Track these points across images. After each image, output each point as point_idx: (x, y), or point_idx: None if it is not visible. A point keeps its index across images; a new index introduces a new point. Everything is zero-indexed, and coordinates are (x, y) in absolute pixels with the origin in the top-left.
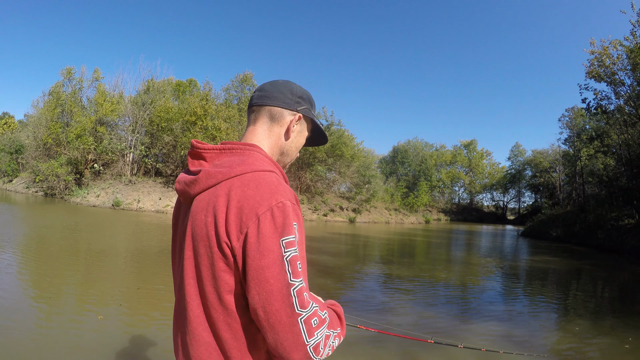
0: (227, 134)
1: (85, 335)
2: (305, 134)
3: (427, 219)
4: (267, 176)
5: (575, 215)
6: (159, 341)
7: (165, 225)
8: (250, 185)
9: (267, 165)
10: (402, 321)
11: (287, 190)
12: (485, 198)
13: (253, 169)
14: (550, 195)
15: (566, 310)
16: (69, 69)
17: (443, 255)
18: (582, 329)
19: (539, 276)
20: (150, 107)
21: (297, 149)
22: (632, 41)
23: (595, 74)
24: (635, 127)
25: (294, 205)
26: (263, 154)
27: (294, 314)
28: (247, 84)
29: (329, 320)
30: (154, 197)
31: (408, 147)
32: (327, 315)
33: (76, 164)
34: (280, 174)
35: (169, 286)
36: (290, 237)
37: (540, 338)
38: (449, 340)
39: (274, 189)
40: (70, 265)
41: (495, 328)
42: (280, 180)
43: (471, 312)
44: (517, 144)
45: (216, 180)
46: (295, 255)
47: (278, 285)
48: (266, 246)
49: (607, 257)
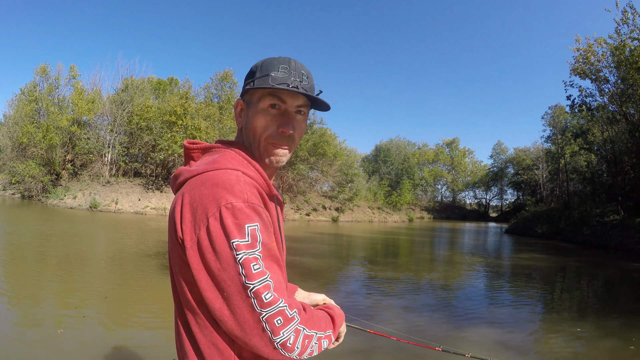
0: (207, 133)
1: (36, 355)
2: (254, 107)
3: (411, 218)
4: (225, 175)
5: (559, 212)
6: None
7: (146, 227)
8: (206, 184)
9: (235, 164)
10: (393, 328)
11: (244, 190)
12: (467, 196)
13: (216, 167)
14: (532, 192)
15: (564, 310)
16: (44, 66)
17: (429, 255)
18: (584, 330)
19: (530, 275)
20: (129, 106)
21: (254, 130)
22: (617, 39)
23: (581, 71)
24: (620, 124)
25: (250, 205)
26: (239, 152)
27: (254, 312)
28: (227, 81)
29: (298, 319)
30: (133, 199)
31: (390, 145)
32: (296, 313)
33: (51, 165)
34: (252, 172)
35: (142, 297)
36: (241, 239)
37: (543, 343)
38: (456, 349)
39: (229, 188)
40: (37, 273)
41: (493, 333)
42: (241, 179)
43: (466, 316)
44: (499, 142)
45: (184, 178)
46: (249, 257)
47: (235, 286)
48: (218, 249)
49: (594, 254)
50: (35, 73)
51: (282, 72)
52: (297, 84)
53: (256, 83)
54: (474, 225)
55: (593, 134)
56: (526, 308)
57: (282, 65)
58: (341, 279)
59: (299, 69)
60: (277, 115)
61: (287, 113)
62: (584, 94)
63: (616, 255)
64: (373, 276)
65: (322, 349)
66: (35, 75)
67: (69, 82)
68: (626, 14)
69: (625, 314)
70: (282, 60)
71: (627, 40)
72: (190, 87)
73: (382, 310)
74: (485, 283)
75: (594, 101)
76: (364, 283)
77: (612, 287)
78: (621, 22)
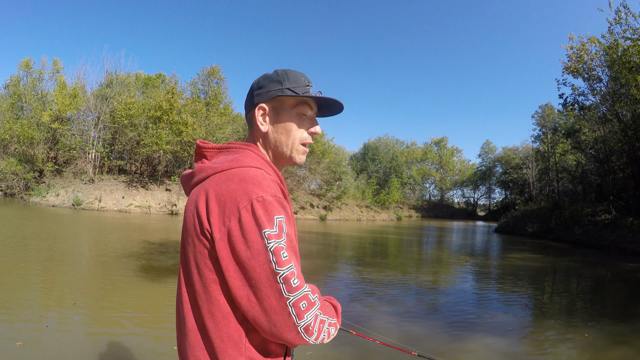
0: (194, 129)
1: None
2: (288, 113)
3: (399, 216)
4: (251, 172)
5: (550, 211)
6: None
7: (131, 224)
8: (234, 179)
9: (256, 163)
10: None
11: (271, 186)
12: (456, 195)
13: (240, 164)
14: (520, 191)
15: (568, 316)
16: (27, 60)
17: (420, 255)
18: (592, 338)
19: (526, 276)
20: (113, 102)
21: (288, 133)
22: (609, 39)
23: (574, 69)
24: (611, 124)
25: (278, 199)
26: (257, 152)
27: (282, 297)
28: (214, 77)
29: (319, 304)
30: (117, 196)
31: (379, 144)
32: (317, 299)
33: (33, 162)
34: (271, 171)
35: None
36: (271, 230)
37: (552, 355)
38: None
39: (257, 183)
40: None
41: (494, 342)
42: (266, 176)
43: (464, 323)
44: (487, 141)
45: (206, 174)
46: (278, 246)
47: (265, 273)
48: (249, 238)
49: (588, 253)
50: (18, 67)
51: (306, 84)
52: (319, 93)
53: (299, 91)
54: (462, 224)
55: (584, 133)
56: (528, 312)
57: (304, 78)
58: (329, 281)
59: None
60: (307, 120)
61: (314, 118)
62: (577, 93)
63: (610, 255)
64: (362, 278)
65: (330, 337)
66: (19, 70)
67: (52, 76)
68: (619, 13)
69: (635, 318)
70: (301, 74)
71: (619, 40)
72: (177, 82)
73: (373, 316)
74: (488, 286)
75: (586, 100)
76: (352, 286)
77: (616, 289)
78: (614, 22)
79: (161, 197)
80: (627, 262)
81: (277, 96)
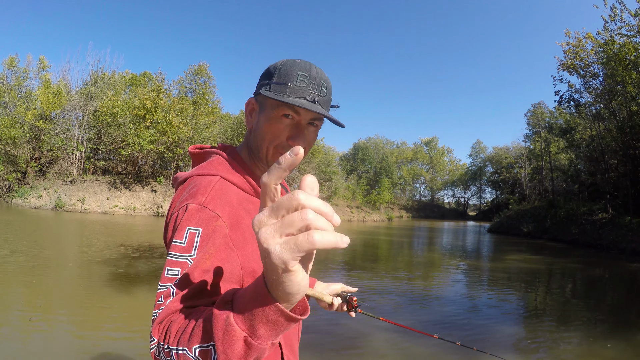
0: (180, 129)
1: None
2: (269, 112)
3: (390, 217)
4: (201, 180)
5: (544, 211)
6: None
7: (115, 227)
8: (185, 188)
9: (218, 169)
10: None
11: (208, 193)
12: (446, 195)
13: (199, 172)
14: (510, 191)
15: (585, 325)
16: (12, 58)
17: (413, 258)
18: (615, 351)
19: (532, 280)
20: (98, 101)
21: (263, 135)
22: (605, 35)
23: (570, 65)
24: (607, 121)
25: (201, 209)
26: (231, 156)
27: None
28: (201, 75)
29: (175, 335)
30: (101, 198)
31: (369, 144)
32: (170, 327)
33: (16, 162)
34: (236, 176)
35: (75, 316)
36: (179, 241)
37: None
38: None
39: (195, 191)
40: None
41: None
42: (212, 184)
43: (474, 337)
44: (478, 141)
45: (177, 182)
46: (169, 259)
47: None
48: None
49: (588, 253)
50: (3, 65)
51: (300, 81)
52: (315, 97)
53: (272, 89)
54: (453, 224)
55: (579, 131)
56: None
57: (302, 74)
58: None
59: (319, 78)
60: (289, 126)
61: (299, 125)
62: (573, 90)
63: (611, 254)
64: (354, 285)
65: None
66: (4, 68)
67: (37, 75)
68: (615, 10)
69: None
70: (303, 66)
71: (615, 37)
72: (163, 80)
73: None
74: (494, 293)
75: (581, 98)
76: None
77: (628, 292)
78: (609, 19)
79: (146, 198)
80: (630, 262)
81: (259, 93)
